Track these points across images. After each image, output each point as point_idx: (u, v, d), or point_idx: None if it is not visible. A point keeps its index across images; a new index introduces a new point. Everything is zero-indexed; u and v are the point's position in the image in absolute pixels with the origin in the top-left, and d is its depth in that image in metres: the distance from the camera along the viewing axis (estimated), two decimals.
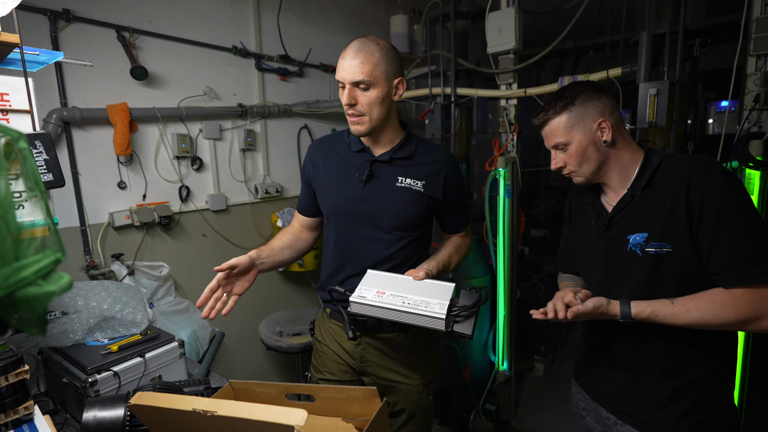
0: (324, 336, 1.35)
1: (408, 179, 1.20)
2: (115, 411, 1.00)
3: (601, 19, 3.08)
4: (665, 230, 0.97)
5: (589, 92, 1.04)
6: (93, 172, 1.84)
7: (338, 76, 1.14)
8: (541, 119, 1.08)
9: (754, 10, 1.60)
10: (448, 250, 1.29)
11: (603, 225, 1.08)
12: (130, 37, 1.88)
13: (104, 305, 1.35)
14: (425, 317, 1.02)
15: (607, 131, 1.02)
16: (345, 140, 1.28)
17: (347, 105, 1.14)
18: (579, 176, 1.08)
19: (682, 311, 0.94)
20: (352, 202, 1.20)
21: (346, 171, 1.23)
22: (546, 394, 2.80)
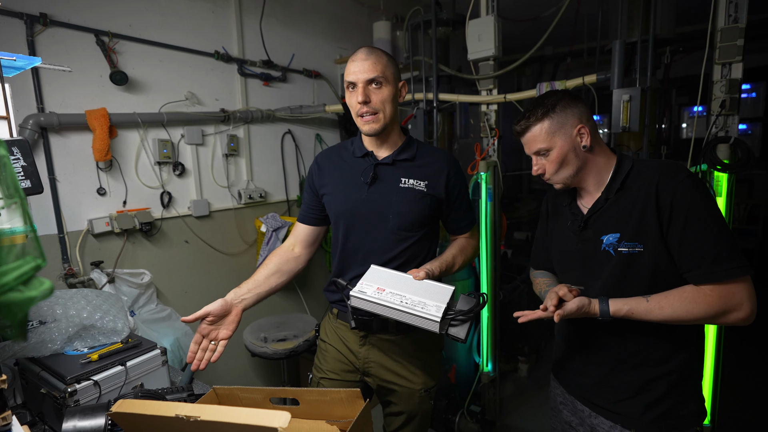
0: (329, 335, 1.38)
1: (411, 180, 1.25)
2: (96, 420, 0.99)
3: (578, 27, 3.18)
4: (637, 231, 1.02)
5: (567, 99, 1.08)
6: (71, 179, 1.81)
7: (350, 77, 1.18)
8: (522, 126, 1.11)
9: (719, 20, 1.68)
10: (453, 252, 1.32)
11: (579, 226, 1.13)
12: (109, 41, 1.86)
13: (84, 314, 1.33)
14: (420, 318, 1.03)
15: (586, 137, 1.07)
16: (349, 148, 1.33)
17: (362, 103, 1.17)
18: (558, 182, 1.12)
19: (657, 308, 0.99)
20: (358, 204, 1.25)
21: (351, 175, 1.28)
22: (530, 393, 2.84)
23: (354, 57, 1.20)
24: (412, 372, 1.30)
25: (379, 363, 1.29)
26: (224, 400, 1.01)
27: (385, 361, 1.29)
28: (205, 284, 2.33)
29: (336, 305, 1.35)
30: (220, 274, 2.40)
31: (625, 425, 1.10)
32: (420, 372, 1.31)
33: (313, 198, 1.35)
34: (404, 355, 1.29)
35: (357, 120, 1.22)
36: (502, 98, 2.21)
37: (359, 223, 1.26)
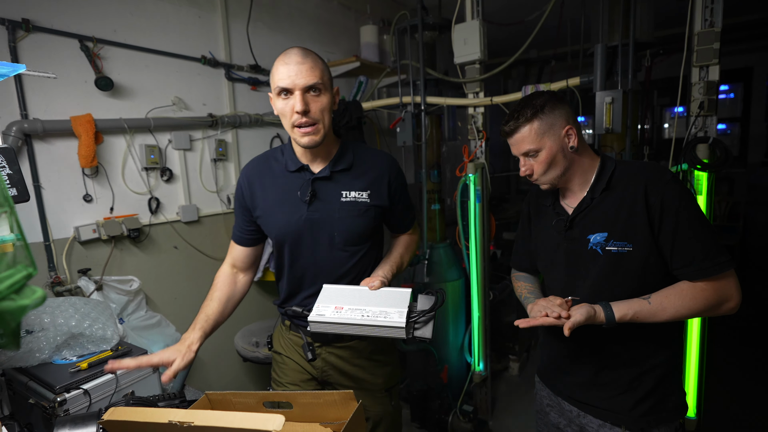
0: (284, 347, 1.33)
1: (353, 192, 1.17)
2: (87, 429, 0.98)
3: (562, 30, 3.24)
4: (625, 230, 1.04)
5: (554, 101, 1.09)
6: (56, 186, 1.79)
7: (284, 82, 1.06)
8: (511, 126, 1.11)
9: (696, 24, 1.74)
10: (399, 251, 1.30)
11: (564, 226, 1.14)
12: (93, 47, 1.84)
13: (72, 322, 1.32)
14: (386, 328, 1.01)
15: (573, 137, 1.08)
16: (280, 160, 1.22)
17: (301, 113, 1.07)
18: (546, 182, 1.13)
19: (660, 309, 1.01)
20: (300, 225, 1.16)
21: (287, 193, 1.18)
22: (521, 392, 2.88)
23: (286, 59, 1.08)
24: (372, 374, 1.28)
25: (337, 369, 1.26)
26: (217, 405, 1.01)
27: (343, 367, 1.26)
28: (195, 290, 2.31)
29: (289, 317, 1.30)
30: (209, 280, 2.35)
31: (615, 422, 1.11)
32: (379, 372, 1.29)
33: (246, 218, 1.25)
34: (361, 358, 1.26)
35: (293, 131, 1.11)
36: (488, 101, 2.25)
37: (303, 245, 1.19)
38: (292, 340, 1.31)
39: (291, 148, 1.21)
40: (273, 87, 1.10)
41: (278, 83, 1.07)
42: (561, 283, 1.17)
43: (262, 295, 2.69)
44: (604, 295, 1.07)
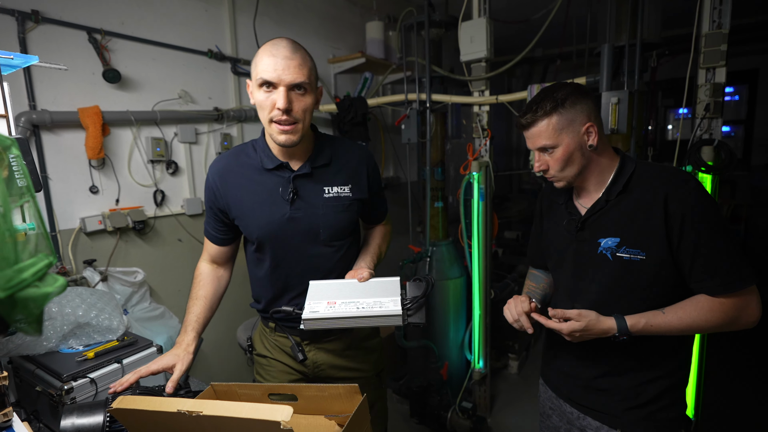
0: (269, 350, 1.30)
1: (335, 187, 1.15)
2: (94, 417, 0.99)
3: (568, 29, 3.23)
4: (639, 237, 0.99)
5: (577, 94, 1.02)
6: (63, 177, 1.80)
7: (269, 74, 0.99)
8: (528, 119, 1.05)
9: (703, 26, 1.74)
10: (377, 241, 1.30)
11: (576, 227, 1.09)
12: (101, 39, 1.85)
13: (79, 312, 1.33)
14: (383, 317, 1.02)
15: (593, 135, 1.02)
16: (253, 157, 1.16)
17: (282, 110, 1.01)
18: (561, 180, 1.08)
19: (676, 319, 0.97)
20: (284, 224, 1.12)
21: (266, 192, 1.13)
22: (520, 390, 2.89)
23: (273, 50, 1.01)
24: (362, 361, 1.28)
25: (328, 364, 1.26)
26: (222, 396, 1.03)
27: (334, 360, 1.26)
28: None
29: (272, 320, 1.28)
30: None
31: (612, 425, 1.10)
32: (368, 359, 1.30)
33: (219, 219, 1.20)
34: (350, 348, 1.26)
35: (271, 126, 1.05)
36: (494, 99, 2.25)
37: (288, 244, 1.15)
38: (279, 342, 1.27)
39: (265, 145, 1.15)
40: (254, 76, 1.03)
41: (261, 74, 1.00)
42: (566, 285, 1.14)
43: None
44: (608, 302, 1.03)
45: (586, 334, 1.00)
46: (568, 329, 1.00)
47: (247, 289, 2.69)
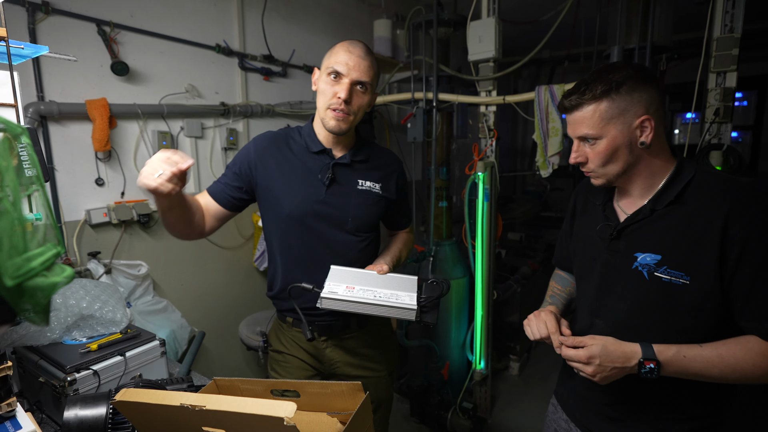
0: (286, 345, 1.32)
1: (368, 182, 1.23)
2: (97, 409, 0.99)
3: (576, 31, 3.21)
4: (686, 259, 0.84)
5: (638, 78, 0.85)
6: (70, 168, 1.80)
7: (340, 66, 1.10)
8: (573, 102, 0.89)
9: (715, 29, 1.72)
10: (399, 246, 1.34)
11: (610, 234, 0.94)
12: (110, 31, 1.85)
13: (83, 303, 1.33)
14: (397, 309, 1.06)
15: (648, 131, 0.86)
16: (299, 140, 1.23)
17: (343, 100, 1.10)
18: (600, 177, 0.93)
19: (715, 356, 0.81)
20: (316, 205, 1.17)
21: (306, 173, 1.19)
22: (521, 391, 2.89)
23: (350, 48, 1.12)
24: (376, 361, 1.32)
25: (344, 361, 1.29)
26: (225, 391, 1.03)
27: (349, 358, 1.29)
28: (201, 277, 2.33)
29: (290, 314, 1.29)
30: (216, 268, 2.40)
31: None
32: (382, 359, 1.34)
33: (240, 182, 1.20)
34: (366, 346, 1.30)
35: (326, 112, 1.13)
36: (501, 99, 2.24)
37: (316, 226, 1.19)
38: (296, 337, 1.30)
39: (312, 131, 1.23)
40: (325, 65, 1.14)
41: (334, 65, 1.11)
42: (589, 299, 1.00)
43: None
44: (636, 327, 0.89)
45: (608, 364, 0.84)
46: (585, 355, 0.85)
47: (249, 286, 2.69)
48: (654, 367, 0.82)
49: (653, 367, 0.82)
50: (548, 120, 2.11)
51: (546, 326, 0.94)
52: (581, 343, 0.87)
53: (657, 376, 0.82)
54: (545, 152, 2.13)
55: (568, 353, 0.88)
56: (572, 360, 0.88)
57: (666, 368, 0.82)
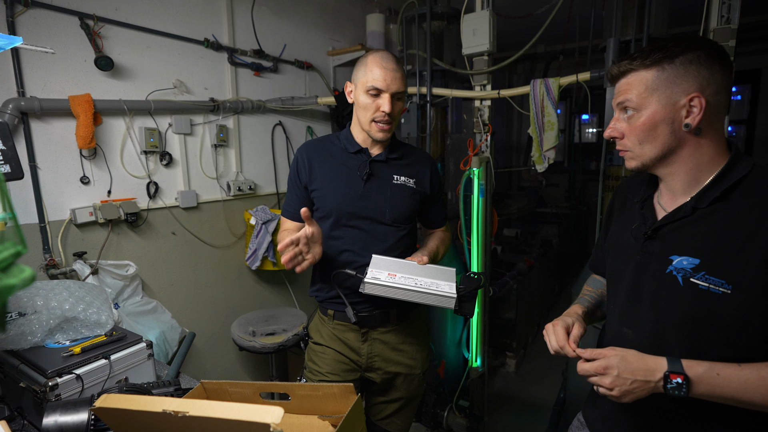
0: (325, 338, 1.37)
1: (402, 177, 1.31)
2: (78, 415, 0.95)
3: (571, 26, 3.19)
4: (729, 265, 0.74)
5: (701, 53, 0.75)
6: (53, 166, 1.75)
7: (379, 83, 1.20)
8: (622, 68, 0.81)
9: (711, 21, 1.70)
10: (436, 242, 1.39)
11: (644, 233, 0.85)
12: (94, 25, 1.79)
13: (66, 305, 1.29)
14: (437, 296, 1.10)
15: (696, 112, 0.75)
16: (337, 143, 1.34)
17: (388, 113, 1.21)
18: (633, 158, 0.83)
19: (756, 378, 0.70)
20: (356, 199, 1.27)
21: (345, 171, 1.29)
22: (517, 389, 2.87)
23: (384, 63, 1.21)
24: (412, 358, 1.37)
25: (382, 356, 1.34)
26: (212, 394, 0.99)
27: (388, 353, 1.34)
28: (191, 276, 2.28)
29: (331, 305, 1.34)
30: (207, 267, 2.36)
31: None
32: (418, 356, 1.38)
33: (303, 193, 1.34)
34: (404, 343, 1.36)
35: (372, 125, 1.24)
36: (495, 94, 2.20)
37: (357, 219, 1.28)
38: (336, 329, 1.34)
39: (350, 135, 1.33)
40: (363, 82, 1.22)
41: (373, 83, 1.20)
42: (619, 305, 0.91)
43: (259, 284, 2.66)
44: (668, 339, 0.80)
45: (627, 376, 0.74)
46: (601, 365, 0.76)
47: (241, 286, 2.65)
48: (682, 382, 0.71)
49: (681, 382, 0.71)
50: (544, 114, 2.08)
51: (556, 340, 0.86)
52: (599, 355, 0.78)
53: (686, 394, 0.72)
54: (541, 147, 2.10)
55: (584, 367, 0.79)
56: (588, 373, 0.79)
57: (696, 386, 0.72)
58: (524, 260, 3.21)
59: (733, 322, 0.74)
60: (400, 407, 1.41)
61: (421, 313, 1.43)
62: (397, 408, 1.41)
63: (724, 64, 0.76)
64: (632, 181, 0.97)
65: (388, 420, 1.42)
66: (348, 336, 1.33)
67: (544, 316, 3.82)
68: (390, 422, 1.42)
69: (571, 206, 4.61)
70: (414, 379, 1.39)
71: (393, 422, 1.42)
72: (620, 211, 0.99)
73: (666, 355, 0.77)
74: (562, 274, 4.35)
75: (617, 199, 1.03)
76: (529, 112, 2.13)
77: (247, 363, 2.60)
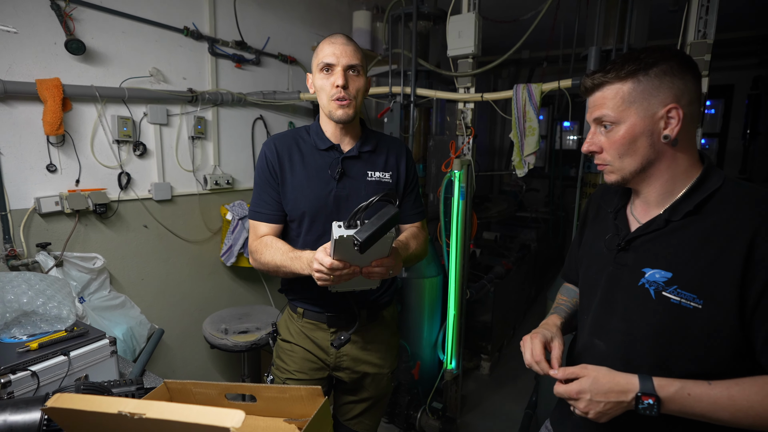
0: (293, 335, 1.33)
1: (377, 173, 1.25)
2: (30, 414, 0.90)
3: (555, 34, 3.23)
4: (701, 280, 0.73)
5: (673, 64, 0.75)
6: (17, 153, 1.67)
7: (329, 58, 1.14)
8: (595, 80, 0.80)
9: (689, 35, 1.74)
10: (406, 234, 1.29)
11: (617, 244, 0.85)
12: (66, 6, 1.72)
13: (24, 299, 1.23)
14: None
15: (675, 123, 0.75)
16: (308, 139, 1.26)
17: (340, 86, 1.14)
18: (613, 172, 0.82)
19: (725, 397, 0.70)
20: (329, 200, 1.21)
21: (317, 170, 1.22)
22: (491, 391, 2.89)
23: (332, 39, 1.18)
24: (381, 357, 1.35)
25: (351, 356, 1.31)
26: (176, 395, 0.95)
27: (356, 353, 1.31)
28: (163, 271, 2.22)
29: (301, 303, 1.30)
30: (180, 262, 2.29)
31: None
32: (386, 356, 1.36)
33: (275, 193, 1.24)
34: (373, 342, 1.33)
35: (330, 104, 1.17)
36: (479, 97, 2.21)
37: (330, 220, 1.15)
38: (306, 327, 1.31)
39: (319, 129, 1.25)
40: (316, 64, 1.18)
41: (323, 59, 1.15)
42: (590, 316, 0.91)
43: (234, 280, 2.61)
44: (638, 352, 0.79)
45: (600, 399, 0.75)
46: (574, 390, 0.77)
47: (214, 282, 2.59)
48: (653, 403, 0.72)
49: (652, 403, 0.72)
50: (525, 119, 2.09)
51: (531, 354, 0.86)
52: (572, 375, 0.78)
53: (657, 414, 0.73)
54: (521, 151, 2.12)
55: (558, 390, 0.79)
56: (562, 396, 0.79)
57: (667, 405, 0.73)
58: (502, 264, 3.24)
59: (704, 337, 0.74)
60: (368, 407, 1.39)
61: (392, 312, 1.41)
62: (366, 408, 1.39)
63: (695, 74, 0.77)
64: (606, 191, 0.97)
65: (356, 420, 1.40)
66: (317, 335, 1.30)
67: (520, 320, 3.86)
68: (358, 422, 1.40)
69: (550, 211, 4.68)
70: (383, 378, 1.36)
71: (361, 422, 1.41)
72: (594, 219, 0.99)
73: (635, 367, 0.77)
74: (539, 278, 4.41)
75: (591, 207, 1.02)
76: (510, 116, 2.14)
77: (219, 361, 2.55)
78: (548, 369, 0.83)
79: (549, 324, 0.97)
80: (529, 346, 0.87)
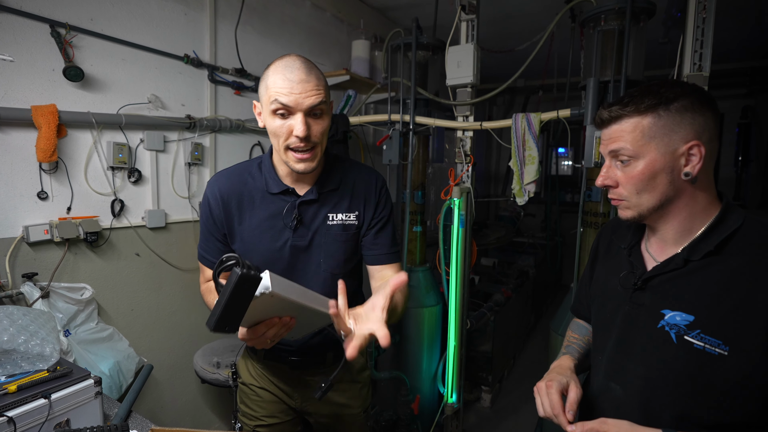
0: (255, 378, 1.23)
1: (339, 215, 1.08)
2: None
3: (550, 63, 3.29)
4: (725, 325, 0.70)
5: (693, 99, 0.73)
6: (8, 180, 1.62)
7: (286, 99, 0.91)
8: (613, 113, 0.77)
9: (685, 68, 1.76)
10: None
11: (634, 283, 0.82)
12: (66, 34, 1.71)
13: (4, 336, 1.16)
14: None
15: (696, 161, 0.73)
16: (259, 179, 1.08)
17: (302, 138, 0.93)
18: (630, 208, 0.79)
19: None
20: (284, 252, 1.07)
21: (269, 218, 1.07)
22: (492, 424, 2.79)
23: (288, 74, 0.91)
24: (351, 396, 1.24)
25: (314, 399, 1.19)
26: None
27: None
28: (154, 301, 2.14)
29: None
30: (173, 291, 2.22)
31: None
32: (357, 395, 1.26)
33: (219, 243, 1.12)
34: (340, 381, 1.19)
35: (285, 153, 0.98)
36: (478, 125, 2.22)
37: (288, 272, 1.08)
38: (267, 369, 1.21)
39: (271, 167, 1.08)
40: (266, 98, 0.95)
41: (277, 98, 0.92)
42: (606, 358, 0.87)
43: None
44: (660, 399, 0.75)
45: None
46: None
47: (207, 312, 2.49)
48: None
49: None
50: (525, 148, 2.09)
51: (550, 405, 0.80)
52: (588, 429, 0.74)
53: None
54: (521, 180, 2.11)
55: None
56: None
57: None
58: (501, 291, 3.19)
59: (731, 386, 0.70)
60: None
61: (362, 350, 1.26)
62: None
63: (714, 111, 0.75)
64: (618, 225, 0.94)
65: None
66: (280, 377, 1.19)
67: (520, 349, 3.78)
68: None
69: (547, 237, 4.66)
70: (356, 419, 1.25)
71: None
72: (605, 255, 0.96)
73: (656, 415, 0.73)
74: (538, 305, 4.35)
75: (602, 241, 0.99)
76: (509, 145, 2.14)
77: (210, 396, 2.44)
78: (566, 424, 0.77)
79: (563, 367, 0.92)
80: (546, 396, 0.82)
